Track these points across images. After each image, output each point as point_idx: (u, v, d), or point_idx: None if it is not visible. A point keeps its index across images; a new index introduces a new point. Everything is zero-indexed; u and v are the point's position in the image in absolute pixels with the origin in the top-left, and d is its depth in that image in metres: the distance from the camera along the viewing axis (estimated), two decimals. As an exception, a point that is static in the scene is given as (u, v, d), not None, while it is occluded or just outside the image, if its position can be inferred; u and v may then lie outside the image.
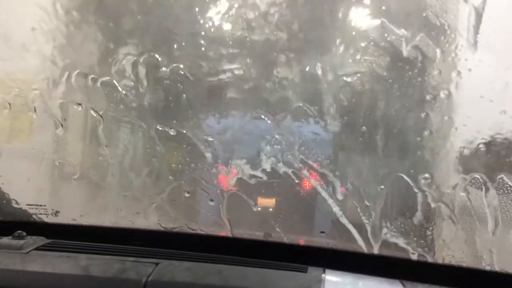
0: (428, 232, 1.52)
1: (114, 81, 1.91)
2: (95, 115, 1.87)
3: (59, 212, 1.54)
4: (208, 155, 1.87)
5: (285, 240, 1.42)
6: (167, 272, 1.23)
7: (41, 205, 1.56)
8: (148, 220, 1.64)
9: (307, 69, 2.01)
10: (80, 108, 1.87)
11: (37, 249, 1.32)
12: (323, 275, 1.27)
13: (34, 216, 1.54)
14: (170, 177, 1.81)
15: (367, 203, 1.66)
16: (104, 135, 1.86)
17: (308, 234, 1.66)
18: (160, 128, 1.93)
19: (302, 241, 1.49)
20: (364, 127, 1.88)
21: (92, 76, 1.89)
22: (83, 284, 1.20)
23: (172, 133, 1.92)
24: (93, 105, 1.88)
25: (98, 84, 1.88)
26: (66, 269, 1.21)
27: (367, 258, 1.35)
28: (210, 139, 1.86)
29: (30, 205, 1.56)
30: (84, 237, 1.45)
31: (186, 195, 1.74)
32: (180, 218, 1.64)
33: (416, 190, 1.61)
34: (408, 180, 1.65)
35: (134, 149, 1.97)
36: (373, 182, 1.73)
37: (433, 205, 1.57)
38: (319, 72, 2.01)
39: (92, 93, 1.85)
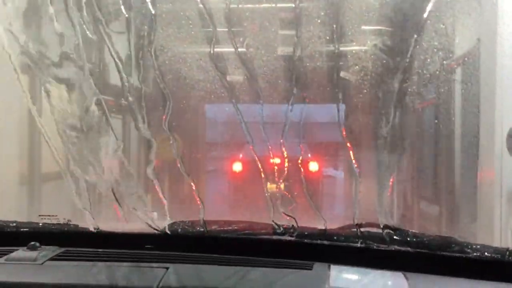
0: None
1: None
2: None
3: (70, 221, 1.59)
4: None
5: (291, 238, 1.46)
6: (176, 276, 1.28)
7: (53, 215, 1.60)
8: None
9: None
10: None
11: (51, 259, 1.37)
12: (328, 272, 1.31)
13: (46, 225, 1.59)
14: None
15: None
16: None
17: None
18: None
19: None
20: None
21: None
22: None
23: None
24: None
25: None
26: (79, 279, 1.26)
27: (370, 252, 1.38)
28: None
29: (42, 215, 1.60)
30: (96, 243, 1.50)
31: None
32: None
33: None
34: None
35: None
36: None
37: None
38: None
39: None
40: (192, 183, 1.88)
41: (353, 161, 1.89)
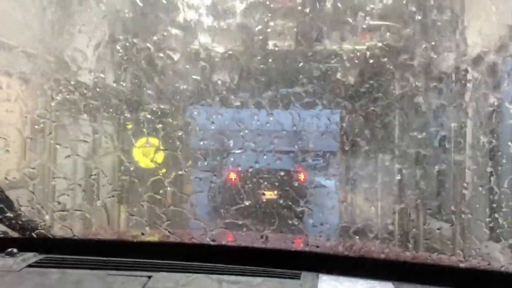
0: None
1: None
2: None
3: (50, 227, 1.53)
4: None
5: (279, 246, 1.43)
6: (159, 285, 1.23)
7: (31, 220, 1.55)
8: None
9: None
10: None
11: (29, 266, 1.32)
12: (316, 281, 1.27)
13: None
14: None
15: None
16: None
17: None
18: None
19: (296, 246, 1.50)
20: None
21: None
22: None
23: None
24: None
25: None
26: (58, 287, 1.21)
27: (359, 261, 1.35)
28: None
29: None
30: (76, 251, 1.44)
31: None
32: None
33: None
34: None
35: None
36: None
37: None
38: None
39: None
40: (176, 191, 1.84)
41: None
